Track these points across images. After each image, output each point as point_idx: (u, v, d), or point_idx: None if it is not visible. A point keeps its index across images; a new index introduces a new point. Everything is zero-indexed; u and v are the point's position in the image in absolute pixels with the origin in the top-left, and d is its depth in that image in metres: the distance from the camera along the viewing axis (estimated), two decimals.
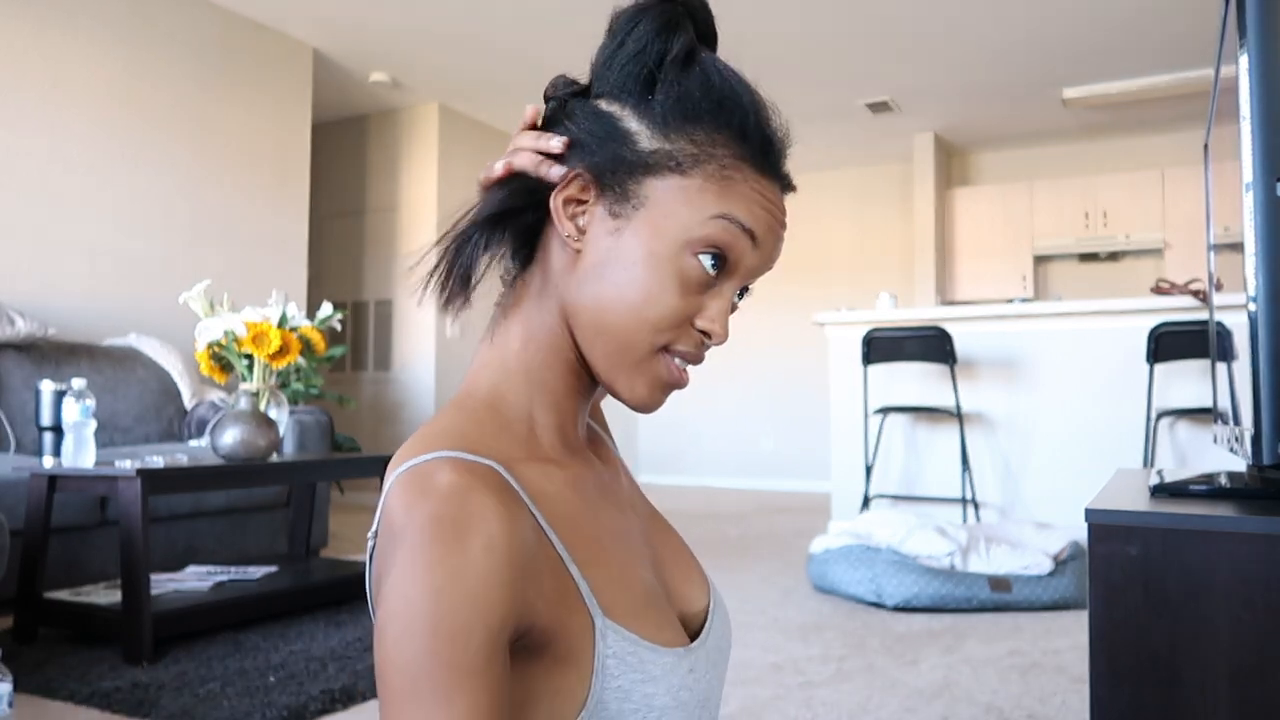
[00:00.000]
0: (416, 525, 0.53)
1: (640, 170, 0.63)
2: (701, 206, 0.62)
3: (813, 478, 7.07)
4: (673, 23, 0.64)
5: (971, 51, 5.12)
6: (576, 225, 0.64)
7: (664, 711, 0.60)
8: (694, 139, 0.63)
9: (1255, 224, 0.77)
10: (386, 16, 4.70)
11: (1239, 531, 0.75)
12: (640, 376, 0.65)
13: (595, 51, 0.67)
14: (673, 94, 0.63)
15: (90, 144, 4.03)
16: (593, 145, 0.64)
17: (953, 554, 3.07)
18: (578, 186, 0.64)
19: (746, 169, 0.64)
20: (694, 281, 0.63)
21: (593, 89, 0.67)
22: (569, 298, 0.65)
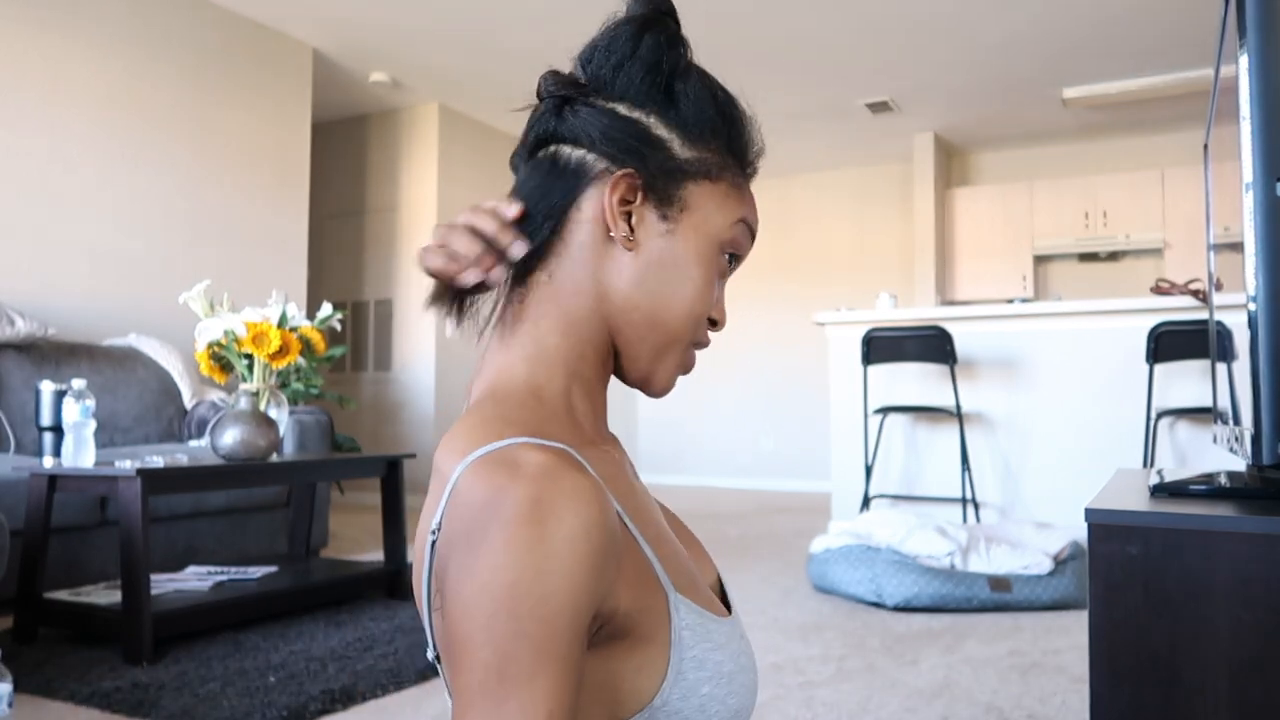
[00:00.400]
0: (512, 505, 0.53)
1: (681, 176, 0.68)
2: (729, 210, 0.69)
3: (813, 478, 7.07)
4: (676, 36, 0.70)
5: (971, 51, 5.12)
6: (630, 225, 0.67)
7: (732, 676, 0.63)
8: (713, 148, 0.69)
9: (1255, 224, 0.77)
10: (386, 16, 4.70)
11: (1239, 531, 0.75)
12: (673, 366, 0.71)
13: (587, 53, 0.71)
14: (693, 105, 0.69)
15: (90, 144, 4.03)
16: (632, 149, 0.67)
17: (953, 554, 3.07)
18: (627, 187, 0.67)
19: (742, 175, 0.72)
20: (721, 275, 0.71)
21: (600, 90, 0.69)
22: (619, 294, 0.68)
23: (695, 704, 0.61)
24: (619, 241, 0.67)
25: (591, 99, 0.69)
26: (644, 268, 0.67)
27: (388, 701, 2.07)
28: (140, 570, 2.30)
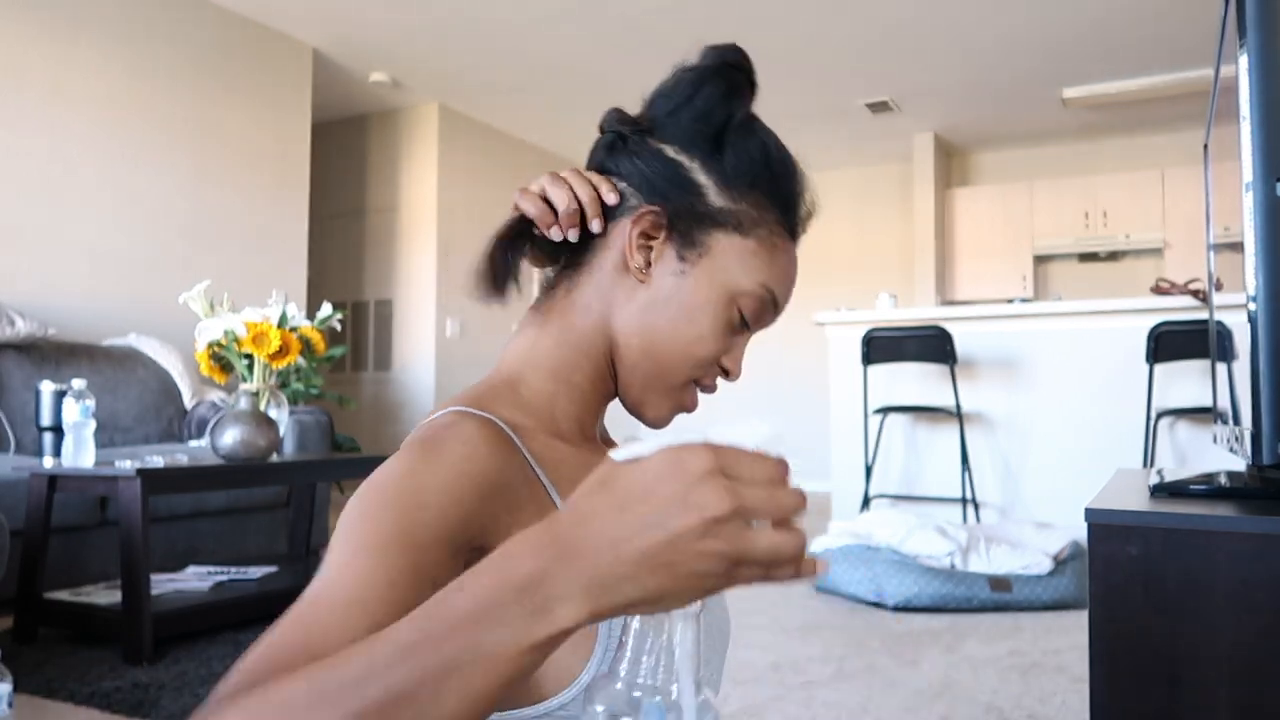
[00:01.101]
0: (412, 438, 0.62)
1: (709, 223, 0.70)
2: (752, 269, 0.71)
3: (813, 478, 7.07)
4: (737, 89, 0.73)
5: (971, 51, 5.12)
6: (647, 258, 0.70)
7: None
8: (753, 202, 0.71)
9: (1255, 224, 0.77)
10: (386, 16, 4.70)
11: (1239, 531, 0.75)
12: (668, 401, 0.73)
13: (652, 96, 0.75)
14: (739, 158, 0.70)
15: (91, 144, 4.03)
16: (664, 188, 0.70)
17: (953, 554, 3.07)
18: (651, 222, 0.70)
19: (784, 236, 0.73)
20: (731, 328, 0.72)
21: (654, 131, 0.73)
22: (620, 321, 0.72)
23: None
24: (633, 272, 0.70)
25: (644, 138, 0.72)
26: (650, 302, 0.70)
27: None
28: (140, 570, 2.30)
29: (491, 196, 6.41)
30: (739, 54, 0.75)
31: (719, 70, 0.73)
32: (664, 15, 4.65)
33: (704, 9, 4.59)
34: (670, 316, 0.70)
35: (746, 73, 0.74)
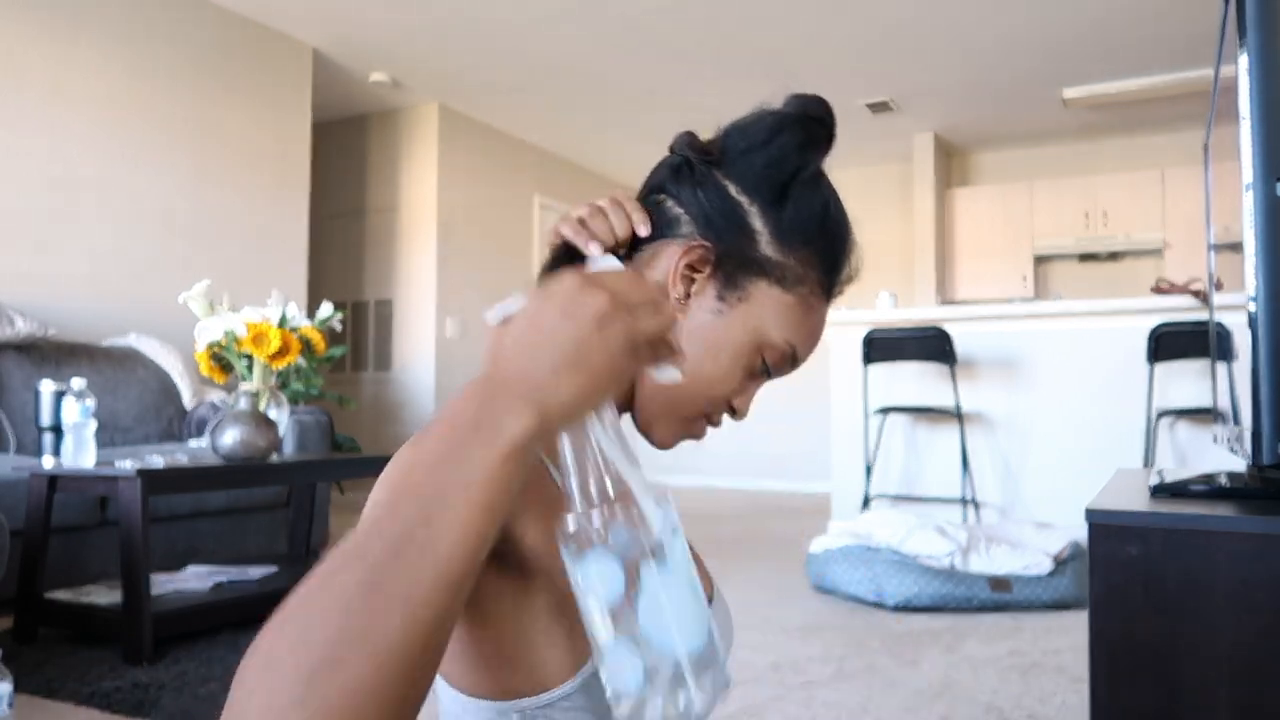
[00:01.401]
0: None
1: (754, 269, 0.70)
2: (785, 325, 0.71)
3: (813, 478, 7.07)
4: (814, 143, 0.73)
5: (971, 51, 5.12)
6: (687, 290, 0.71)
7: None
8: (801, 259, 0.71)
9: (1255, 224, 0.77)
10: (386, 16, 4.70)
11: (1239, 531, 0.75)
12: (676, 430, 0.74)
13: (727, 129, 0.74)
14: (799, 212, 0.71)
15: (91, 144, 4.03)
16: (720, 225, 0.71)
17: (953, 554, 3.07)
18: (700, 257, 0.70)
19: (821, 297, 0.73)
20: (751, 372, 0.73)
21: (722, 165, 0.72)
22: None
23: None
24: (670, 300, 0.71)
25: (710, 170, 0.72)
26: (681, 333, 0.70)
27: None
28: (140, 570, 2.30)
29: (491, 196, 6.41)
30: (823, 107, 0.76)
31: (800, 120, 0.74)
32: (664, 15, 4.65)
33: (704, 9, 4.59)
34: (696, 351, 0.70)
35: (827, 128, 0.75)
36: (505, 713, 0.62)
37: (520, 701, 0.62)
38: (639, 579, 0.49)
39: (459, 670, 0.64)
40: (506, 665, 0.62)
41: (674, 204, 0.72)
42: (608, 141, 6.81)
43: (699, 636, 0.50)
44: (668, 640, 0.49)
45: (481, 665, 0.63)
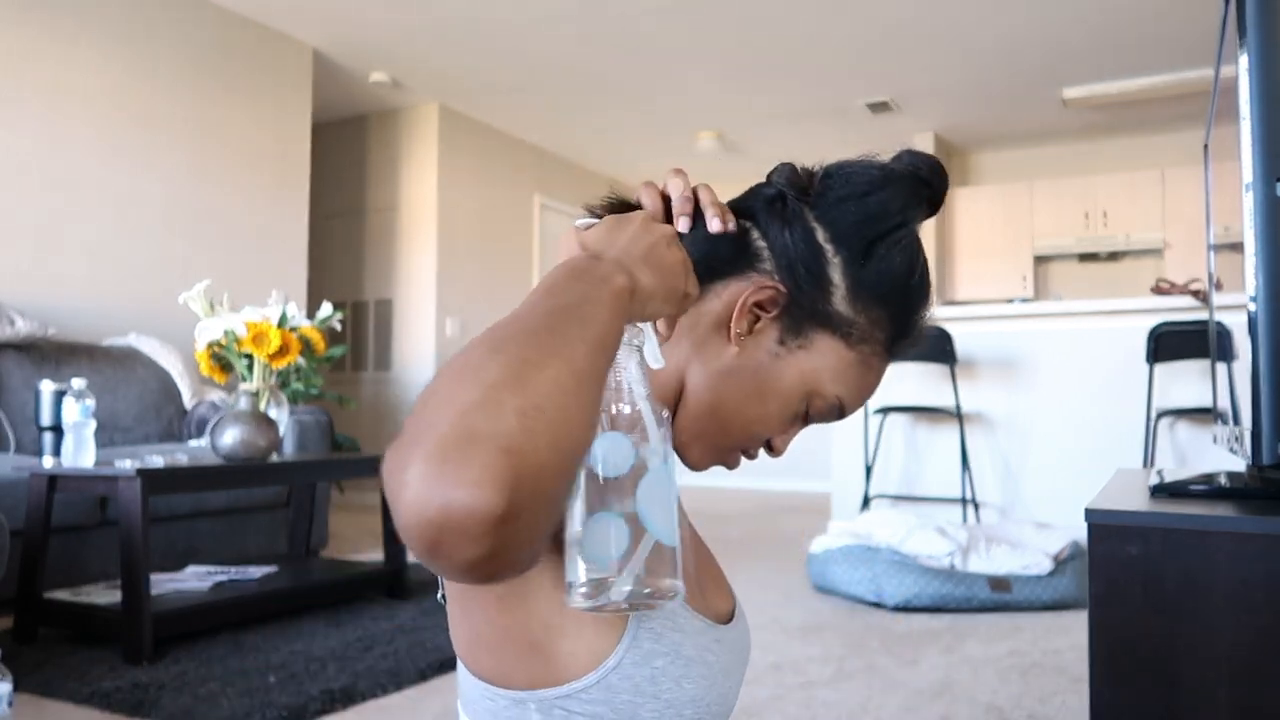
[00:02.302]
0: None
1: (822, 321, 0.70)
2: (841, 379, 0.71)
3: (813, 478, 7.07)
4: (914, 203, 0.72)
5: (971, 51, 5.12)
6: (750, 328, 0.70)
7: (689, 662, 0.65)
8: (871, 318, 0.70)
9: (1255, 224, 0.77)
10: (386, 16, 4.70)
11: (1239, 531, 0.75)
12: (711, 457, 0.74)
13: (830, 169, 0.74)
14: (882, 273, 0.70)
15: (90, 144, 4.03)
16: (798, 270, 0.70)
17: (953, 554, 3.07)
18: (769, 298, 0.69)
19: (882, 355, 0.73)
20: (794, 417, 0.73)
21: (816, 206, 0.71)
22: (697, 372, 0.71)
23: (647, 674, 0.62)
24: (730, 333, 0.70)
25: (803, 209, 0.71)
26: (734, 368, 0.70)
27: (388, 701, 2.07)
28: (140, 570, 2.30)
29: (491, 196, 6.41)
30: (935, 171, 0.74)
31: (906, 179, 0.72)
32: (664, 15, 4.65)
33: (704, 9, 4.59)
34: (746, 390, 0.70)
35: (934, 192, 0.73)
36: (523, 702, 0.63)
37: (539, 692, 0.62)
38: (648, 466, 0.53)
39: (484, 657, 0.65)
40: (532, 654, 0.62)
41: (759, 237, 0.71)
42: (608, 141, 6.81)
43: (674, 537, 0.54)
44: (655, 523, 0.53)
45: (506, 653, 0.63)
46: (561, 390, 0.45)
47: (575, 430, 0.45)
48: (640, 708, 0.62)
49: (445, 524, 0.40)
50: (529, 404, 0.43)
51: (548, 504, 0.43)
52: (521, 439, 0.42)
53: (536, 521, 0.43)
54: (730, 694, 0.70)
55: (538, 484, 0.42)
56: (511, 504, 0.40)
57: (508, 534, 0.41)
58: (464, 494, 0.40)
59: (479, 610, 0.64)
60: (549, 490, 0.43)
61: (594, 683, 0.61)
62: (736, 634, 0.75)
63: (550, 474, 0.43)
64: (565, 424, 0.44)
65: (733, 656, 0.71)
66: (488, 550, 0.41)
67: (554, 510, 0.45)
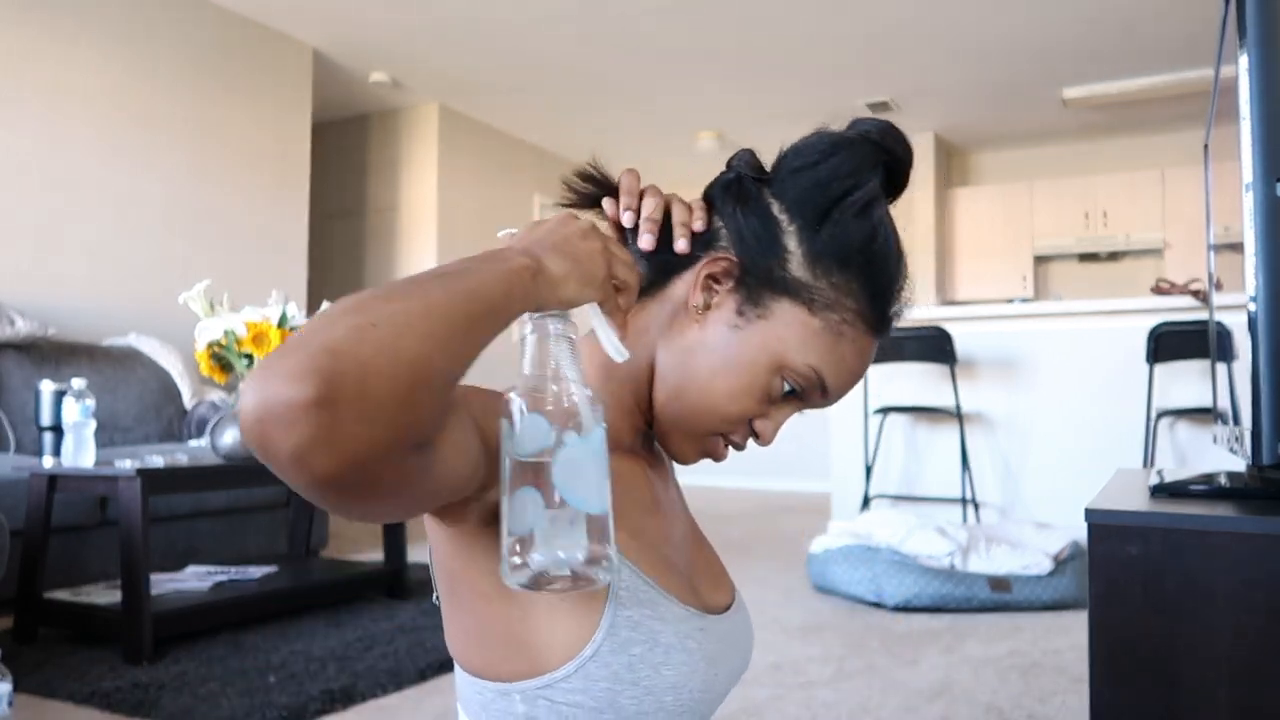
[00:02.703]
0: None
1: (779, 288, 0.70)
2: (809, 348, 0.70)
3: (813, 478, 7.07)
4: (866, 166, 0.71)
5: (971, 51, 5.12)
6: (707, 301, 0.71)
7: (669, 650, 0.66)
8: (834, 283, 0.70)
9: (1255, 224, 0.77)
10: (386, 16, 4.70)
11: (1239, 531, 0.75)
12: (691, 446, 0.74)
13: (786, 149, 0.74)
14: (837, 236, 0.70)
15: (90, 144, 4.03)
16: (751, 243, 0.71)
17: (953, 554, 3.07)
18: (723, 269, 0.71)
19: (860, 327, 0.71)
20: (771, 395, 0.72)
21: (773, 183, 0.72)
22: (663, 354, 0.72)
23: (624, 661, 0.64)
24: (690, 310, 0.71)
25: (762, 188, 0.72)
26: (696, 345, 0.71)
27: (388, 701, 2.07)
28: (140, 570, 2.30)
29: (491, 196, 6.41)
30: (885, 132, 0.73)
31: (856, 143, 0.72)
32: (664, 15, 4.65)
33: (704, 9, 4.59)
34: (710, 365, 0.70)
35: (889, 154, 0.72)
36: (508, 693, 0.65)
37: (522, 683, 0.64)
38: (564, 442, 0.56)
39: (472, 652, 0.67)
40: (512, 646, 0.64)
41: (716, 219, 0.73)
42: (608, 141, 6.81)
43: (602, 507, 0.57)
44: (574, 496, 0.55)
45: (490, 646, 0.65)
46: (405, 314, 0.48)
47: (412, 344, 0.47)
48: (619, 695, 0.63)
49: (264, 413, 0.43)
50: (364, 321, 0.46)
51: (376, 404, 0.44)
52: (347, 344, 0.45)
53: (362, 416, 0.44)
54: (716, 682, 0.70)
55: (361, 382, 0.44)
56: (322, 392, 0.42)
57: (324, 421, 0.43)
58: (279, 383, 0.43)
59: (465, 607, 0.66)
60: (373, 389, 0.44)
61: (572, 672, 0.63)
62: (730, 625, 0.75)
63: (374, 374, 0.44)
64: (397, 337, 0.46)
65: (721, 646, 0.72)
66: (306, 437, 0.43)
67: (386, 412, 0.45)
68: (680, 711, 0.66)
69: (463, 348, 0.51)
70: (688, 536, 0.81)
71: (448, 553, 0.66)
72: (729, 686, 0.74)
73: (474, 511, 0.62)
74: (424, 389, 0.47)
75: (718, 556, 0.84)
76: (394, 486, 0.49)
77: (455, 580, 0.67)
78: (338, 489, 0.46)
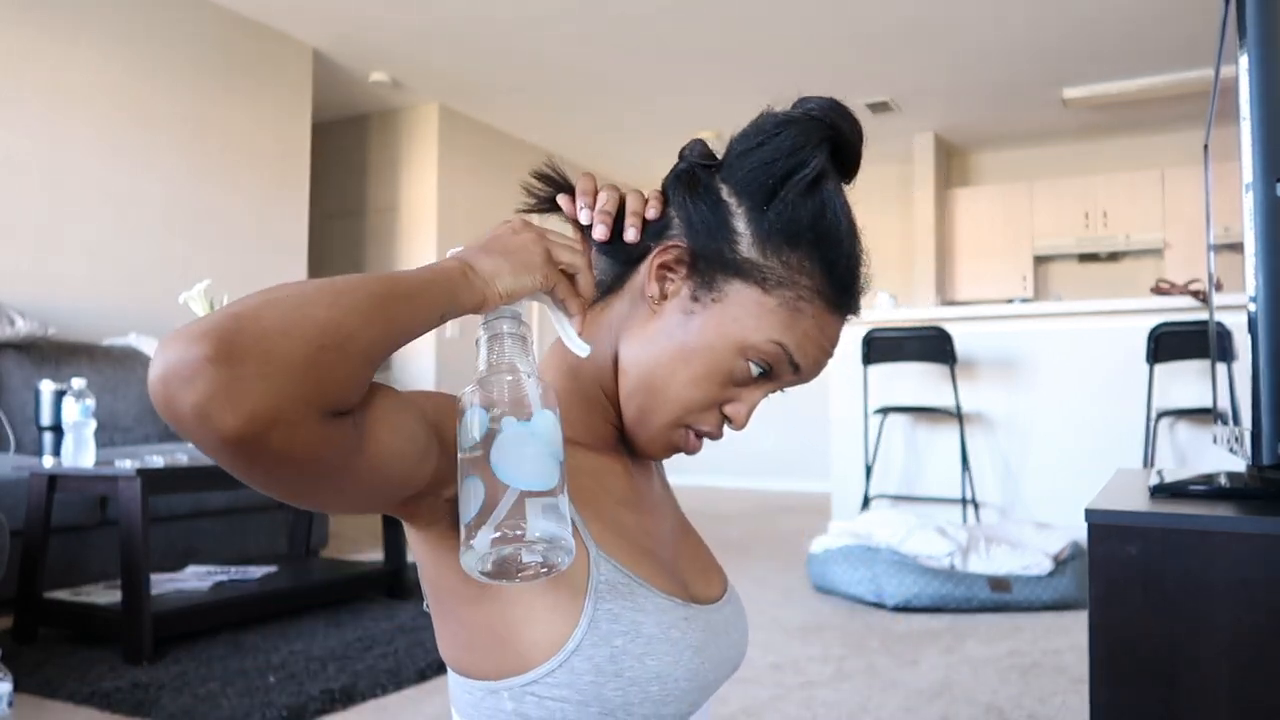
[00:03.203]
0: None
1: (730, 270, 0.70)
2: (767, 326, 0.69)
3: (813, 478, 7.07)
4: (813, 144, 0.70)
5: (971, 51, 5.12)
6: (662, 289, 0.71)
7: (651, 640, 0.66)
8: (786, 261, 0.70)
9: (1255, 224, 0.77)
10: (386, 16, 4.70)
11: (1239, 531, 0.75)
12: (659, 437, 0.73)
13: (735, 135, 0.74)
14: (785, 214, 0.69)
15: (90, 144, 4.03)
16: (701, 229, 0.71)
17: (953, 554, 3.07)
18: (674, 257, 0.71)
19: (819, 304, 0.71)
20: (736, 378, 0.71)
21: (722, 169, 0.73)
22: (625, 347, 0.73)
23: (607, 653, 0.64)
24: (646, 300, 0.71)
25: (712, 175, 0.72)
26: (655, 334, 0.71)
27: (388, 701, 2.07)
28: (140, 570, 2.30)
29: (491, 196, 6.41)
30: (829, 108, 0.73)
31: (799, 121, 0.71)
32: (664, 15, 4.65)
33: (704, 9, 4.59)
34: (671, 353, 0.70)
35: (831, 128, 0.72)
36: (496, 692, 0.66)
37: (508, 680, 0.65)
38: (501, 427, 0.57)
39: (461, 654, 0.68)
40: (497, 646, 0.65)
41: (671, 210, 0.73)
42: (608, 141, 6.81)
43: (544, 484, 0.57)
44: (511, 476, 0.57)
45: (476, 647, 0.66)
46: (316, 288, 0.50)
47: (319, 311, 0.49)
48: (603, 687, 0.64)
49: (165, 371, 0.45)
50: (277, 295, 0.49)
51: (279, 362, 0.46)
52: (251, 309, 0.47)
53: (261, 373, 0.46)
54: (703, 672, 0.70)
55: (260, 340, 0.46)
56: (219, 349, 0.45)
57: (222, 377, 0.45)
58: (180, 344, 0.45)
59: (450, 611, 0.67)
60: (276, 348, 0.46)
61: (556, 667, 0.64)
62: (719, 616, 0.75)
63: (277, 334, 0.47)
64: (303, 304, 0.49)
65: (707, 635, 0.72)
66: (204, 394, 0.45)
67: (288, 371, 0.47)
68: (666, 701, 0.66)
69: (377, 318, 0.52)
70: (674, 530, 0.81)
71: (427, 560, 0.67)
72: (720, 676, 0.75)
73: (442, 513, 0.63)
74: (332, 351, 0.49)
75: (708, 549, 0.84)
76: (310, 454, 0.49)
77: (437, 585, 0.68)
78: (246, 450, 0.47)
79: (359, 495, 0.56)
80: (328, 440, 0.50)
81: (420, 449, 0.58)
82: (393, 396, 0.57)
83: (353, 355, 0.50)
